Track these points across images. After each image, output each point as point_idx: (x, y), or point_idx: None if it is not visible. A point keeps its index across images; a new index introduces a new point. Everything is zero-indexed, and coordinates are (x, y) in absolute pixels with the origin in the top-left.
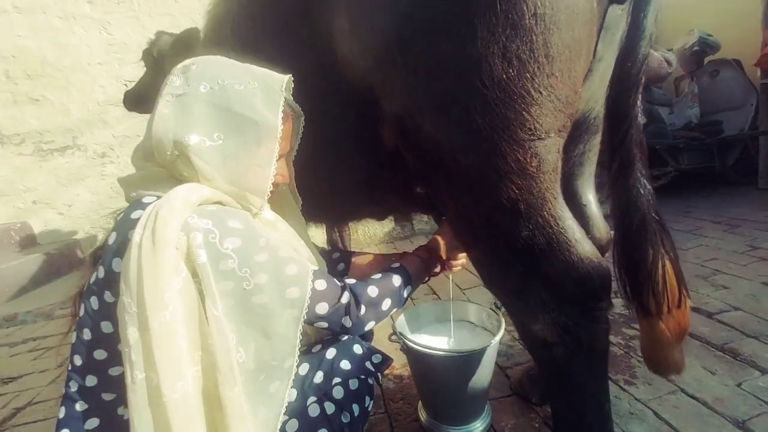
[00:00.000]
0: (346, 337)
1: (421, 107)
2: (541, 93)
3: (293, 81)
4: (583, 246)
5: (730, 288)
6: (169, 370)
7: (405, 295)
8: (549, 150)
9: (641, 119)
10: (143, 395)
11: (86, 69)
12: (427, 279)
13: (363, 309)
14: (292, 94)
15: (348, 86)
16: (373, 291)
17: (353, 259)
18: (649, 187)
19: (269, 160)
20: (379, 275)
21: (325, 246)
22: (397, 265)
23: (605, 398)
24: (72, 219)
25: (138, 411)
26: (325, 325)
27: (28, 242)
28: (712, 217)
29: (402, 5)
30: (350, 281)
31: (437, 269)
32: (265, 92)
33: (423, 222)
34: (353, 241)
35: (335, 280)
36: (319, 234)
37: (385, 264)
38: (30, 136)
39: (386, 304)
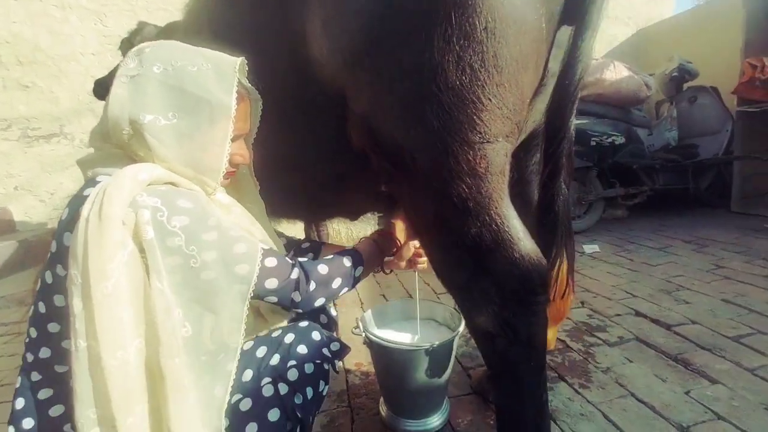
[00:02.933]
0: (306, 324)
1: (384, 109)
2: (490, 100)
3: (260, 69)
4: (525, 244)
5: (692, 303)
6: (109, 338)
7: (357, 275)
8: (497, 153)
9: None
10: (84, 363)
11: (79, 59)
12: (380, 264)
13: (313, 285)
14: (247, 77)
15: (320, 84)
16: (323, 269)
17: (323, 249)
18: (567, 194)
19: (223, 139)
20: (330, 256)
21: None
22: (349, 247)
23: (543, 388)
24: (53, 207)
25: (80, 379)
26: (275, 299)
27: (7, 228)
28: (684, 236)
29: (370, 10)
30: (302, 260)
31: (394, 251)
32: (218, 73)
33: None
34: (335, 242)
35: (286, 258)
36: (298, 231)
37: None
38: (17, 122)
39: (336, 282)
